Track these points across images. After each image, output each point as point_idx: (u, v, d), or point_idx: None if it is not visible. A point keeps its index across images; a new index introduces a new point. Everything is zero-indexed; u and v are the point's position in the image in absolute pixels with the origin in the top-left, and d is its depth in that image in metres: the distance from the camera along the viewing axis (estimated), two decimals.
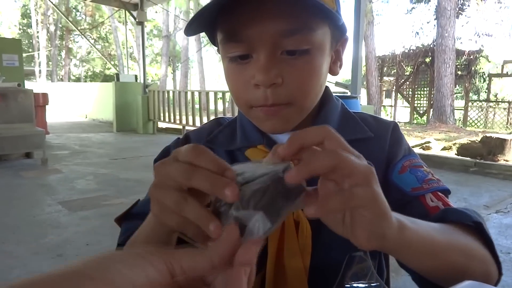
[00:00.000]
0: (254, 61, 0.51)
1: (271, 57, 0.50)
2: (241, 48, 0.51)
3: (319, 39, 0.51)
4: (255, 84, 0.51)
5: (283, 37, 0.49)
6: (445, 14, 11.72)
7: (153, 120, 9.00)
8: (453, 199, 3.83)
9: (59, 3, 23.96)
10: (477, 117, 12.59)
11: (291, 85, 0.51)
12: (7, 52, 6.13)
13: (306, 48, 0.50)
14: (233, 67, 0.53)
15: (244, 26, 0.49)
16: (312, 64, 0.52)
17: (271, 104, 0.51)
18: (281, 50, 0.50)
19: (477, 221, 0.50)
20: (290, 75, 0.51)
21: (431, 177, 0.59)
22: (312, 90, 0.54)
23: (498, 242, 2.74)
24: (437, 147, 6.59)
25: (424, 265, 0.46)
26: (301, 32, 0.49)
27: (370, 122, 0.64)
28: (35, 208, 3.38)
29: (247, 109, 0.55)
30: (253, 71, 0.51)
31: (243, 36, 0.50)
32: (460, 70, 13.05)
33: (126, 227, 0.62)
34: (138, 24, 9.12)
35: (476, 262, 0.48)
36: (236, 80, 0.54)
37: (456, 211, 0.52)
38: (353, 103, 3.99)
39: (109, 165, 5.28)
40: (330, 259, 0.56)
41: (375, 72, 13.91)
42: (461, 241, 0.48)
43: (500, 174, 4.89)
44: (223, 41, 0.52)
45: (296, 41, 0.50)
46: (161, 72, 21.92)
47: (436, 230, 0.46)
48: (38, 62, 26.17)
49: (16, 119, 5.06)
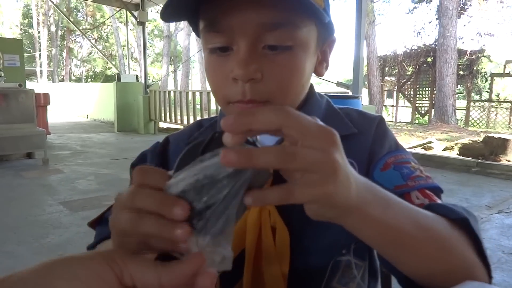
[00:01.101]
0: (234, 54, 0.49)
1: (251, 51, 0.47)
2: (222, 39, 0.49)
3: (303, 36, 0.49)
4: (233, 78, 0.49)
5: (265, 30, 0.47)
6: (447, 13, 11.70)
7: (154, 120, 9.00)
8: (455, 199, 3.82)
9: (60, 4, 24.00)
10: (479, 117, 12.56)
11: (271, 82, 0.49)
12: (8, 52, 6.13)
13: (288, 45, 0.48)
14: (212, 59, 0.51)
15: (225, 15, 0.47)
16: (294, 62, 0.50)
17: (248, 100, 0.49)
18: (262, 44, 0.48)
19: (463, 217, 0.44)
20: (270, 71, 0.48)
21: (418, 174, 0.54)
22: (292, 89, 0.52)
23: (500, 242, 2.73)
24: (439, 147, 6.57)
25: (392, 255, 0.42)
26: (284, 27, 0.47)
27: (355, 117, 0.61)
28: (36, 208, 3.38)
29: (224, 105, 0.53)
30: (232, 65, 0.48)
31: (224, 26, 0.48)
32: (462, 70, 13.03)
33: (98, 231, 0.62)
34: (139, 24, 9.12)
35: (456, 260, 0.43)
36: (214, 73, 0.52)
37: (441, 206, 0.47)
38: (355, 103, 3.99)
39: (110, 165, 5.28)
40: (310, 264, 0.55)
41: (377, 72, 13.90)
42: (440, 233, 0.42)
43: (502, 174, 4.87)
44: (204, 30, 0.50)
45: (279, 36, 0.48)
46: (162, 72, 21.94)
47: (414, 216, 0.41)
48: (39, 62, 26.23)
49: (17, 119, 5.06)
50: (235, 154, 0.28)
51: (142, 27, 9.02)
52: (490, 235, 2.89)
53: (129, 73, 11.38)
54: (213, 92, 0.55)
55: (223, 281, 0.55)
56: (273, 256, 0.53)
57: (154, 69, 28.62)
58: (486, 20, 14.09)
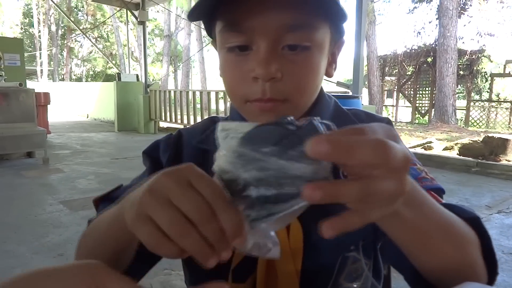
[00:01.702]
0: (254, 53, 0.50)
1: (272, 51, 0.49)
2: (241, 39, 0.50)
3: (320, 37, 0.51)
4: (254, 77, 0.50)
5: (286, 31, 0.48)
6: (447, 13, 11.69)
7: (155, 119, 9.01)
8: (454, 199, 3.82)
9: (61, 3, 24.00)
10: (479, 117, 12.55)
11: (290, 81, 0.50)
12: (8, 51, 6.13)
13: (307, 45, 0.50)
14: (231, 58, 0.52)
15: (247, 16, 0.48)
16: (311, 62, 0.51)
17: (267, 99, 0.50)
18: (282, 44, 0.49)
19: (475, 216, 0.47)
20: (289, 71, 0.50)
21: (424, 175, 0.57)
22: (309, 88, 0.54)
23: (500, 242, 2.74)
24: (438, 147, 6.58)
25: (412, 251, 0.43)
26: (304, 28, 0.49)
27: (364, 118, 0.63)
28: (36, 208, 3.39)
29: (241, 104, 0.54)
30: (252, 64, 0.49)
31: (245, 26, 0.49)
32: (462, 70, 13.02)
33: (102, 208, 0.62)
34: (139, 23, 9.12)
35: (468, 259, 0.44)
36: (233, 72, 0.53)
37: (453, 205, 0.50)
38: (355, 103, 3.99)
39: (111, 164, 5.29)
40: (322, 262, 0.56)
41: (377, 72, 13.90)
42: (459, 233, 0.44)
43: (502, 174, 4.87)
44: (223, 30, 0.51)
45: (299, 37, 0.49)
46: (163, 72, 21.95)
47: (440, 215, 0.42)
48: (40, 62, 26.23)
49: (18, 119, 5.06)
50: (319, 192, 0.27)
51: (142, 26, 9.02)
52: (489, 235, 2.89)
53: (130, 72, 11.38)
54: (229, 91, 0.55)
55: (235, 275, 0.56)
56: (287, 253, 0.54)
57: (155, 68, 28.61)
58: (486, 20, 14.09)
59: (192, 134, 0.66)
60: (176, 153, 0.64)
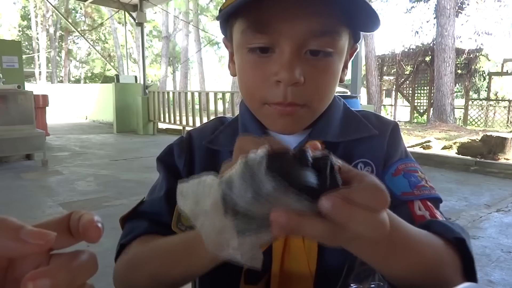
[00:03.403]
0: (277, 56, 0.50)
1: (296, 55, 0.49)
2: (266, 40, 0.49)
3: (342, 44, 0.52)
4: (277, 81, 0.50)
5: (311, 36, 0.48)
6: (445, 13, 11.72)
7: (153, 121, 9.00)
8: (453, 198, 3.83)
9: (59, 5, 23.99)
10: (477, 115, 12.58)
11: (311, 86, 0.50)
12: (7, 54, 6.13)
13: (330, 51, 0.50)
14: (252, 59, 0.52)
15: (274, 18, 0.48)
16: (332, 68, 0.52)
17: (288, 103, 0.50)
18: (305, 49, 0.49)
19: (459, 237, 0.46)
20: (311, 76, 0.50)
21: (424, 183, 0.57)
22: (328, 94, 0.55)
23: (499, 241, 2.74)
24: (437, 146, 6.59)
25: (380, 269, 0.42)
26: (329, 34, 0.49)
27: (373, 120, 0.64)
28: (36, 210, 3.38)
29: (259, 105, 0.54)
30: (275, 67, 0.49)
31: (272, 28, 0.48)
32: (460, 69, 13.05)
33: (130, 226, 0.60)
34: (137, 25, 9.12)
35: (440, 277, 0.44)
36: (253, 73, 0.52)
37: (440, 223, 0.50)
38: (353, 102, 4.00)
39: (110, 166, 5.28)
40: (336, 262, 0.55)
41: (375, 72, 13.91)
42: (429, 256, 0.44)
43: (500, 173, 4.88)
44: (248, 30, 0.50)
45: (323, 43, 0.49)
46: (161, 73, 21.94)
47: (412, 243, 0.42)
48: (38, 64, 26.20)
49: (16, 121, 5.06)
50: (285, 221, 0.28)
51: (140, 28, 9.02)
52: (489, 233, 2.90)
53: (128, 74, 11.37)
54: (246, 92, 0.55)
55: (248, 277, 0.56)
56: (302, 253, 0.54)
57: (153, 70, 28.59)
58: (483, 19, 14.11)
59: (201, 134, 0.66)
60: (190, 156, 0.64)
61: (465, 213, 3.39)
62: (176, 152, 0.65)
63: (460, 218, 3.26)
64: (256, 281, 0.56)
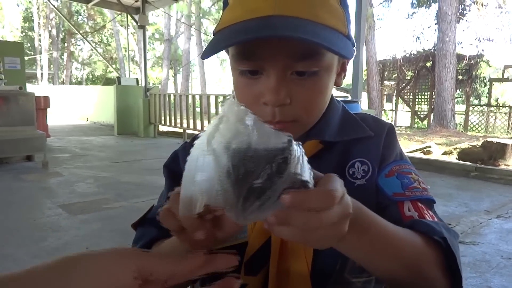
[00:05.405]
0: (264, 78, 0.52)
1: (281, 78, 0.51)
2: (252, 64, 0.52)
3: (328, 61, 0.53)
4: (264, 103, 0.52)
5: (295, 60, 0.50)
6: (446, 18, 11.75)
7: (154, 123, 9.01)
8: (453, 203, 3.83)
9: (62, 7, 24.10)
10: (478, 121, 12.58)
11: (298, 105, 0.53)
12: (9, 55, 6.15)
13: (315, 70, 0.52)
14: (242, 80, 0.55)
15: (257, 46, 0.50)
16: (319, 85, 0.54)
17: (277, 122, 0.53)
18: (290, 71, 0.51)
19: (442, 236, 0.49)
20: (298, 96, 0.52)
21: (416, 185, 0.59)
22: (317, 109, 0.57)
23: (499, 247, 2.73)
24: (438, 152, 6.58)
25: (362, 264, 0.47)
26: (312, 57, 0.51)
27: (370, 122, 0.66)
28: (35, 211, 3.38)
29: None
30: (262, 89, 0.52)
31: (257, 56, 0.51)
32: (461, 74, 13.07)
33: (140, 233, 0.64)
34: (139, 27, 9.15)
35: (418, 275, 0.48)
36: (244, 94, 0.55)
37: (424, 224, 0.52)
38: (354, 107, 4.00)
39: (110, 168, 5.28)
40: (333, 257, 0.56)
41: (376, 77, 13.94)
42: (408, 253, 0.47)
43: (501, 179, 4.88)
44: (236, 56, 0.53)
45: (307, 64, 0.51)
46: (163, 76, 21.97)
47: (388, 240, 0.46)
48: (40, 65, 26.26)
49: (18, 122, 5.07)
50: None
51: (142, 30, 9.04)
52: (489, 240, 2.89)
53: (130, 76, 11.40)
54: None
55: (247, 269, 0.58)
56: (299, 250, 0.56)
57: (155, 72, 28.66)
58: (484, 25, 14.15)
59: None
60: None
61: (465, 219, 3.38)
62: (181, 158, 0.67)
63: (460, 224, 3.25)
64: (256, 272, 0.58)
